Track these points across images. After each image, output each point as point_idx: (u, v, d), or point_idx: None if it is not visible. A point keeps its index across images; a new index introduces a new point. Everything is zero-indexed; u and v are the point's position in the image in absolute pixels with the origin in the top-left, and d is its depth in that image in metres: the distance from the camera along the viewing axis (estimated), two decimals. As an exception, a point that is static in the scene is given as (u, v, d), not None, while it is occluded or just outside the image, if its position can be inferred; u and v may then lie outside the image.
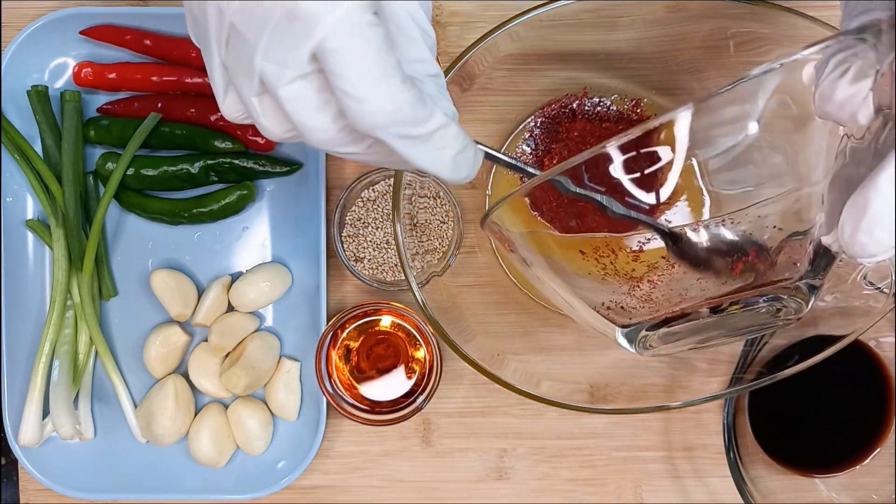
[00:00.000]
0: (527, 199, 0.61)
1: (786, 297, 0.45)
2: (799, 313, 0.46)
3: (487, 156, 0.41)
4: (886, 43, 0.36)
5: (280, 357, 0.62)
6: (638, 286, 0.46)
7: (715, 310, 0.45)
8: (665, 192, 0.41)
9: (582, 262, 0.47)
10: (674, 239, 0.43)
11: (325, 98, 0.35)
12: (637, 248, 0.45)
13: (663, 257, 0.44)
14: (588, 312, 0.48)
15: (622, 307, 0.47)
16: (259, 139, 0.60)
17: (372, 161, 0.38)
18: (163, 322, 0.62)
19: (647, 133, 0.39)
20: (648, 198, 0.42)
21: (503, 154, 0.42)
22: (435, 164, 0.36)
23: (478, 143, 0.39)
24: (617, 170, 0.41)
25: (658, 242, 0.44)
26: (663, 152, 0.40)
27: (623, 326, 0.48)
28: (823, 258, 0.44)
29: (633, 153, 0.40)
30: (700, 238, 0.43)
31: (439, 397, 0.62)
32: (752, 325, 0.48)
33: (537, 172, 0.43)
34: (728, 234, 0.43)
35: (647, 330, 0.48)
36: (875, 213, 0.35)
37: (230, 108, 0.38)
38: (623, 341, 0.49)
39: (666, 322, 0.47)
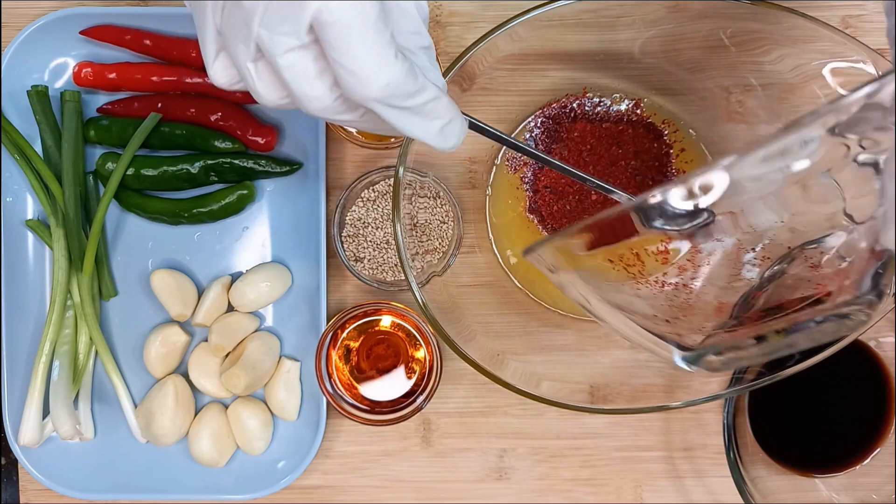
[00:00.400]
0: (528, 202, 0.61)
1: (850, 313, 0.44)
2: (869, 320, 0.44)
3: (472, 126, 0.44)
4: None
5: (280, 357, 0.62)
6: (674, 293, 0.46)
7: (759, 339, 0.45)
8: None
9: (614, 273, 0.47)
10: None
11: (322, 67, 0.36)
12: (661, 250, 0.45)
13: (689, 260, 0.44)
14: (637, 331, 0.48)
15: (667, 321, 0.46)
16: (259, 139, 0.60)
17: (364, 128, 0.40)
18: (163, 322, 0.62)
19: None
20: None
21: (488, 126, 0.44)
22: (424, 133, 0.39)
23: (465, 114, 0.41)
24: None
25: (678, 243, 0.44)
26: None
27: (685, 349, 0.47)
28: (889, 265, 0.43)
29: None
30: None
31: (439, 397, 0.62)
32: (818, 339, 0.46)
33: (520, 143, 0.46)
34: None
35: (713, 355, 0.47)
36: None
37: (219, 73, 0.39)
38: (681, 363, 0.48)
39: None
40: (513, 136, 0.61)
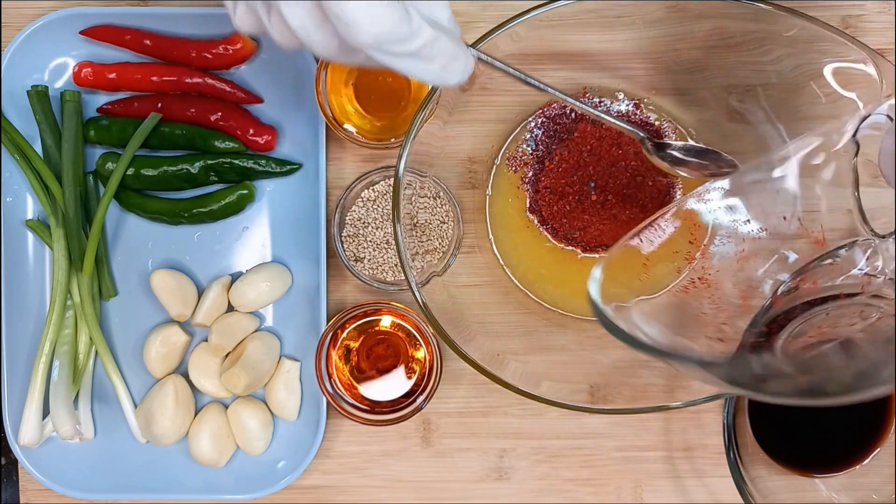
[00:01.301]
0: (528, 202, 0.61)
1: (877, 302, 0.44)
2: None
3: (481, 60, 0.44)
4: None
5: (280, 357, 0.62)
6: (702, 287, 0.46)
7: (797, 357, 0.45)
8: None
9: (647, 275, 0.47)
10: None
11: (324, 14, 0.36)
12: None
13: (700, 254, 0.44)
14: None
15: (719, 335, 0.46)
16: (259, 139, 0.60)
17: (377, 66, 0.40)
18: (163, 322, 0.62)
19: None
20: None
21: (497, 61, 0.45)
22: (425, 75, 0.39)
23: (472, 46, 0.42)
24: None
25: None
26: None
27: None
28: None
29: None
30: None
31: (439, 397, 0.62)
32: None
33: (530, 78, 0.47)
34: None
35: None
36: None
37: (242, 20, 0.39)
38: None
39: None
40: (512, 135, 0.61)
